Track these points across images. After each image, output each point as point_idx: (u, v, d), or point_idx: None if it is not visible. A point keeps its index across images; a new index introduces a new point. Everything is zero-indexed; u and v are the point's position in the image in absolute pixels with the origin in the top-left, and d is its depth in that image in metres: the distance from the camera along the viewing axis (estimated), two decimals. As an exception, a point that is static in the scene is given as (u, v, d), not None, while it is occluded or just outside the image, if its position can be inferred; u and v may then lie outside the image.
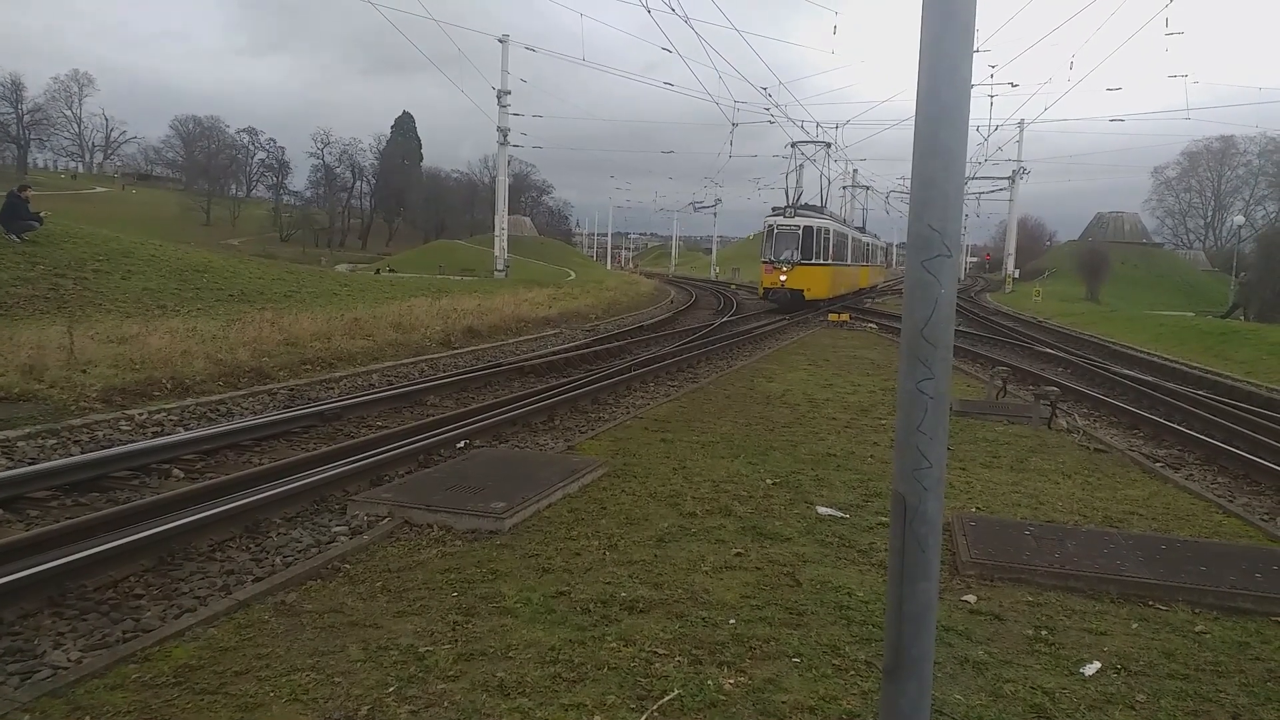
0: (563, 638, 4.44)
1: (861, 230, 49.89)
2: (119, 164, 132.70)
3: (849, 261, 39.51)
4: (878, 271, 57.46)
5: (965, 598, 5.24)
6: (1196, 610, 5.20)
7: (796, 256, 31.31)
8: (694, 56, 51.40)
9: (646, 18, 18.08)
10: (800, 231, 31.56)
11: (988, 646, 4.58)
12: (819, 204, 36.50)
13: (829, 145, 36.77)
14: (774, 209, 33.36)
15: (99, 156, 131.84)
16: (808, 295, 31.22)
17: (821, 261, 32.13)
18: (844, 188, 58.71)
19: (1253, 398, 15.27)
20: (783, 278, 31.15)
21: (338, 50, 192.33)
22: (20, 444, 8.11)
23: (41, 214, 20.41)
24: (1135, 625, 4.96)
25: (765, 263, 32.25)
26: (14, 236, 18.98)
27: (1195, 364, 20.92)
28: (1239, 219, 78.82)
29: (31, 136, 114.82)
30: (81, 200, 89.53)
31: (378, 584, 5.14)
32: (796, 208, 33.07)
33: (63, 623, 4.65)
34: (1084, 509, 7.41)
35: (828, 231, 32.86)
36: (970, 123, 2.79)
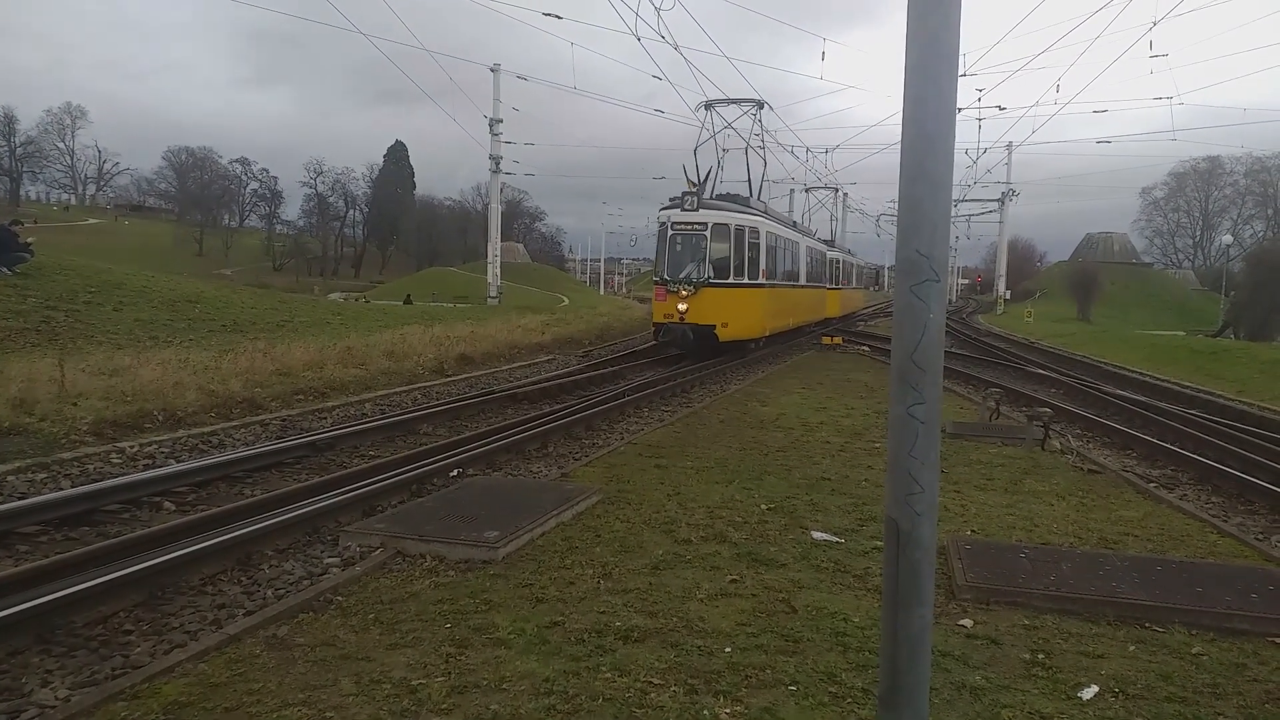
0: (557, 669, 4.41)
1: (830, 244, 40.03)
2: (112, 195, 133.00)
3: (802, 281, 28.58)
4: (855, 296, 47.56)
5: (961, 622, 5.22)
6: (1193, 632, 5.18)
7: (704, 273, 20.20)
8: (684, 83, 51.78)
9: (637, 46, 18.23)
10: (709, 232, 20.37)
11: (985, 671, 4.56)
12: (746, 194, 24.37)
13: (761, 106, 24.03)
14: (672, 199, 21.05)
15: (92, 188, 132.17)
16: (724, 333, 20.32)
17: (748, 280, 21.02)
18: (805, 189, 46.47)
19: (1245, 417, 15.31)
20: (681, 306, 20.13)
21: (338, 82, 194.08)
22: (10, 478, 8.06)
23: (29, 241, 20.47)
24: (1132, 648, 4.94)
25: (658, 284, 21.06)
26: (5, 269, 18.99)
27: (1187, 383, 20.99)
28: (1227, 238, 79.57)
29: (24, 169, 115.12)
30: (74, 232, 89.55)
31: (370, 616, 5.09)
32: (701, 196, 20.91)
33: (51, 660, 4.59)
34: (1079, 531, 7.40)
35: (756, 234, 21.40)
36: (958, 146, 2.82)
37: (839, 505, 7.90)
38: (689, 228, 20.50)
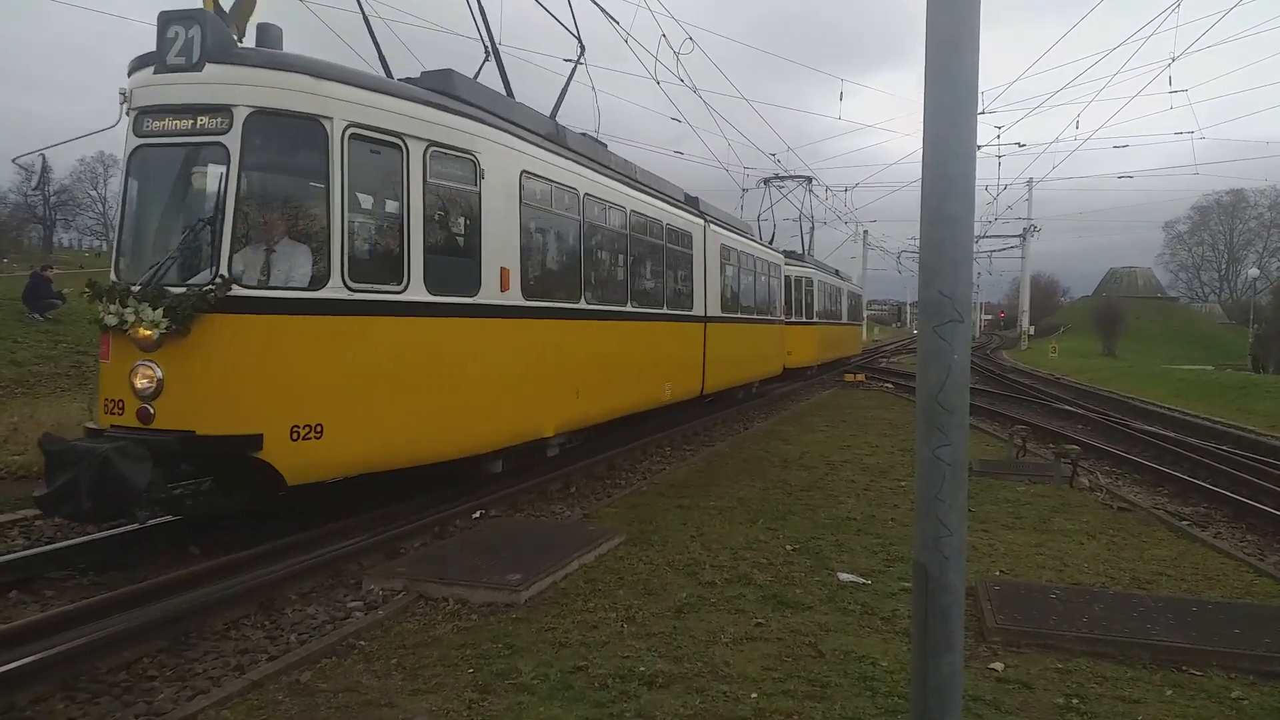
0: (580, 715, 4.35)
1: (797, 257, 27.69)
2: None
3: (709, 310, 15.97)
4: (842, 335, 35.12)
5: (992, 665, 5.11)
6: (1232, 675, 5.04)
7: (215, 261, 6.54)
8: (704, 126, 52.27)
9: (658, 89, 18.43)
10: (238, 135, 6.44)
11: (1017, 717, 4.45)
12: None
13: None
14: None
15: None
16: (298, 464, 6.68)
17: (453, 296, 7.87)
18: (764, 182, 30.66)
19: (1278, 453, 15.04)
20: (140, 380, 6.41)
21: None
22: (38, 523, 8.12)
23: (62, 292, 20.87)
24: (1169, 692, 4.82)
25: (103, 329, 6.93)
26: (37, 315, 19.35)
27: (1217, 419, 20.69)
28: (1254, 271, 78.65)
29: (57, 217, 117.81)
30: (105, 277, 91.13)
31: (393, 661, 5.06)
32: (222, 27, 6.63)
33: (75, 707, 4.58)
34: (1110, 570, 7.26)
35: (472, 164, 7.98)
36: (979, 183, 2.83)
37: (865, 545, 7.80)
38: (183, 124, 6.91)
